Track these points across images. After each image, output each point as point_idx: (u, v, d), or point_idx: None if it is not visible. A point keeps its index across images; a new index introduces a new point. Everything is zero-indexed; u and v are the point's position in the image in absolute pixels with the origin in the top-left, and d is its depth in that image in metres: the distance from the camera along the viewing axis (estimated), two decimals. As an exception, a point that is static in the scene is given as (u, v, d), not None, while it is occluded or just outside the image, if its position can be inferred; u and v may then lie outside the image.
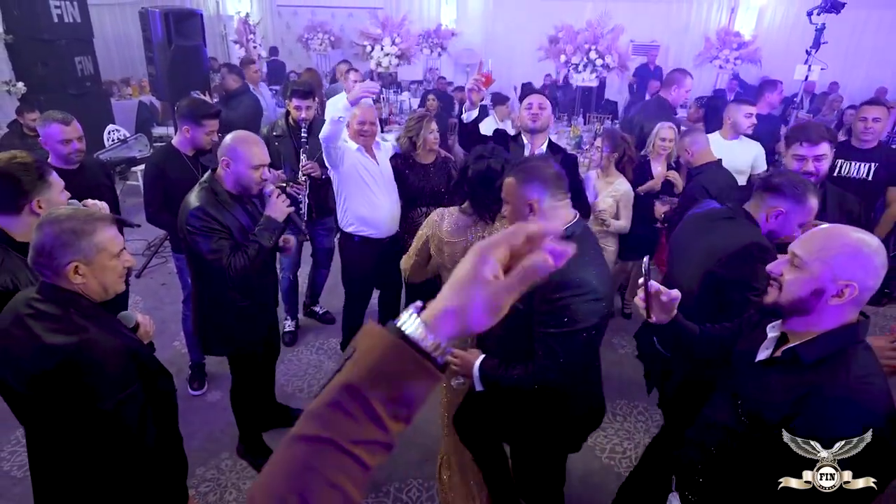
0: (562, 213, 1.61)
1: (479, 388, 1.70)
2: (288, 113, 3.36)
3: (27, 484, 2.50)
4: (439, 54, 9.68)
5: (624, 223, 3.34)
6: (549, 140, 2.92)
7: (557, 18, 8.28)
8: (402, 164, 3.28)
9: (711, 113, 4.82)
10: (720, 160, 3.00)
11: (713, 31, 9.14)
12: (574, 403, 1.81)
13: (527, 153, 2.93)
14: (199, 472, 2.65)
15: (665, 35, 9.94)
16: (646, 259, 1.52)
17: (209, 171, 2.21)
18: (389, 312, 3.64)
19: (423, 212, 3.37)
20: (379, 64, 6.70)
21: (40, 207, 1.67)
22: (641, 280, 1.54)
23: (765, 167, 3.61)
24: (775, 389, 1.34)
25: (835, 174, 3.15)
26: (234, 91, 4.53)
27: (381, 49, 6.68)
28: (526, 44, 10.04)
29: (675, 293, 1.55)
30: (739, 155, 3.40)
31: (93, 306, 1.41)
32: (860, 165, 3.15)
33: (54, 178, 1.75)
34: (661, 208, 3.22)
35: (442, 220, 2.15)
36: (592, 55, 5.72)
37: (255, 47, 7.66)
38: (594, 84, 6.11)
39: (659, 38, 9.91)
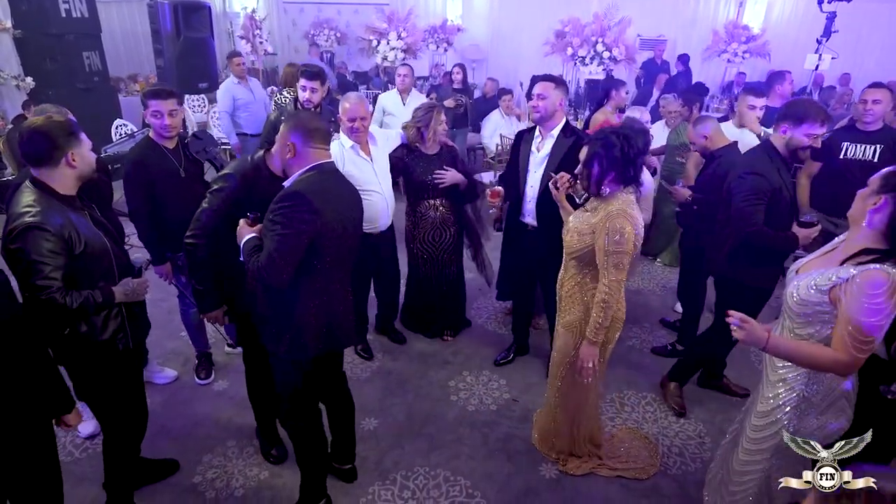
0: (310, 155, 1.93)
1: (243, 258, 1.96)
2: (296, 99, 3.37)
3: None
4: (445, 50, 9.66)
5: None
6: (566, 122, 2.83)
7: (563, 13, 8.26)
8: (408, 156, 3.26)
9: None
10: (736, 142, 3.00)
11: (721, 25, 9.06)
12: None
13: (537, 142, 2.90)
14: (206, 458, 2.65)
15: (672, 29, 9.86)
16: None
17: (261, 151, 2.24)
18: (388, 302, 3.65)
19: (432, 204, 3.35)
20: (385, 58, 6.69)
21: (74, 160, 1.85)
22: None
23: None
24: None
25: (840, 156, 3.14)
26: None
27: (388, 43, 6.67)
28: (531, 40, 10.00)
29: None
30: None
31: None
32: (865, 147, 3.16)
33: (84, 136, 1.91)
34: (684, 192, 3.19)
35: (633, 209, 2.12)
36: (599, 47, 5.68)
37: (260, 43, 7.68)
38: (601, 77, 6.07)
39: (666, 33, 9.83)
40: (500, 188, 3.05)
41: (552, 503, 2.48)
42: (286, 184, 1.94)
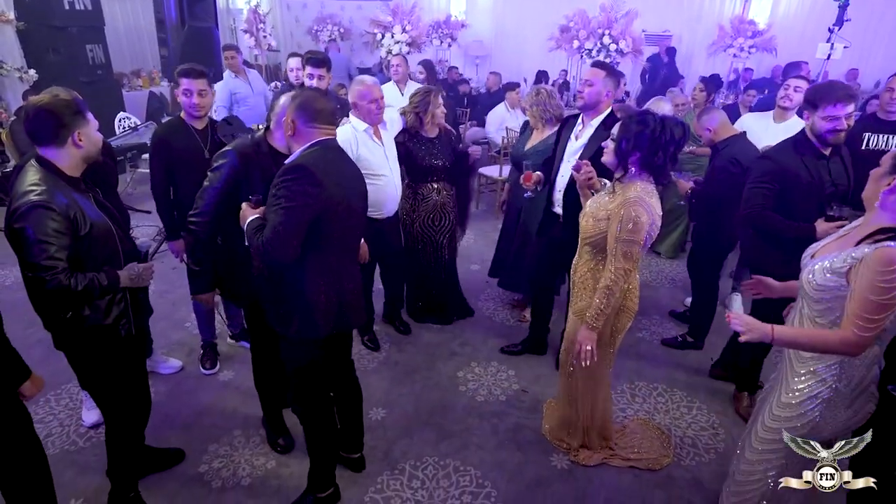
0: (313, 134, 1.88)
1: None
2: (303, 85, 3.34)
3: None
4: (449, 45, 9.62)
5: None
6: (611, 114, 2.70)
7: (567, 8, 8.22)
8: (409, 140, 3.24)
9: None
10: (744, 132, 2.94)
11: (727, 20, 9.01)
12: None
13: (577, 130, 2.81)
14: (212, 448, 2.61)
15: (677, 24, 9.81)
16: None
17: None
18: (395, 292, 3.61)
19: (434, 187, 3.32)
20: (389, 52, 6.65)
21: (81, 140, 1.81)
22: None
23: None
24: None
25: (863, 147, 3.07)
26: None
27: (392, 37, 6.63)
28: (535, 35, 9.97)
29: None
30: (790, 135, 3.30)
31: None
32: (889, 137, 3.08)
33: (91, 116, 1.87)
34: (685, 185, 3.14)
35: (651, 198, 2.06)
36: (606, 40, 5.63)
37: (264, 37, 7.64)
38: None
39: (671, 28, 9.79)
40: (538, 173, 2.95)
41: (564, 494, 2.43)
42: (288, 161, 1.89)
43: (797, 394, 1.77)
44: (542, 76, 8.32)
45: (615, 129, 2.10)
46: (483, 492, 2.41)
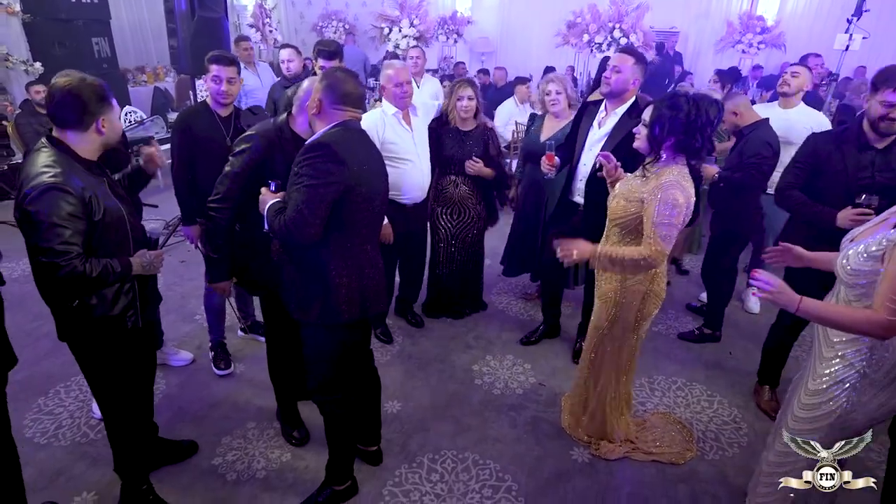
0: (338, 116, 1.84)
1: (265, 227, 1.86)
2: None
3: (50, 450, 2.44)
4: (455, 41, 9.57)
5: None
6: (635, 102, 2.61)
7: (575, 4, 8.16)
8: (440, 129, 3.20)
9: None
10: (767, 118, 2.90)
11: (735, 16, 8.95)
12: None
13: (600, 117, 2.74)
14: (226, 440, 2.56)
15: (685, 21, 9.74)
16: None
17: None
18: (412, 280, 3.55)
19: (453, 180, 3.27)
20: (397, 46, 6.60)
21: (104, 127, 1.76)
22: None
23: None
24: None
25: None
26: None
27: (399, 31, 6.58)
28: (541, 32, 9.92)
29: None
30: (798, 123, 3.25)
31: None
32: None
33: (115, 102, 1.82)
34: (712, 170, 3.08)
35: (687, 181, 2.00)
36: (616, 33, 5.58)
37: (270, 31, 7.59)
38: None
39: (678, 25, 9.73)
40: (557, 158, 2.88)
41: (586, 488, 2.37)
42: (310, 140, 1.84)
43: (825, 379, 1.73)
44: (549, 72, 8.26)
45: (646, 114, 2.05)
46: (504, 485, 2.36)
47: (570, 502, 2.30)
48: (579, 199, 2.83)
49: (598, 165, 2.42)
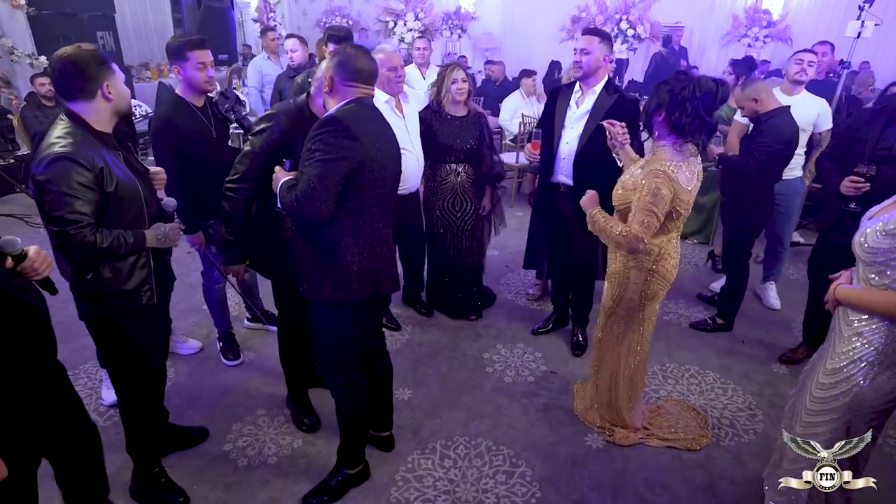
0: (350, 92, 1.82)
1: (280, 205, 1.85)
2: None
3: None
4: (459, 36, 9.54)
5: None
6: (609, 79, 2.71)
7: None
8: (432, 118, 3.15)
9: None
10: (788, 107, 2.87)
11: (740, 10, 8.91)
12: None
13: (576, 97, 2.78)
14: (236, 427, 2.54)
15: (690, 16, 9.69)
16: None
17: None
18: (415, 273, 3.53)
19: (452, 168, 3.21)
20: (402, 39, 6.58)
21: (110, 92, 1.75)
22: None
23: (829, 126, 3.42)
24: None
25: None
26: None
27: (405, 24, 6.55)
28: (545, 27, 9.88)
29: None
30: (800, 109, 3.18)
31: None
32: None
33: (116, 67, 1.80)
34: (715, 149, 3.05)
35: (679, 173, 1.97)
36: (623, 25, 5.54)
37: (275, 25, 7.58)
38: (625, 56, 5.93)
39: (683, 19, 9.68)
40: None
41: (602, 473, 2.35)
42: (324, 116, 1.82)
43: (843, 357, 1.71)
44: (555, 66, 8.23)
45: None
46: (518, 471, 2.33)
47: (586, 487, 2.28)
48: (563, 178, 2.86)
49: (607, 137, 2.41)
